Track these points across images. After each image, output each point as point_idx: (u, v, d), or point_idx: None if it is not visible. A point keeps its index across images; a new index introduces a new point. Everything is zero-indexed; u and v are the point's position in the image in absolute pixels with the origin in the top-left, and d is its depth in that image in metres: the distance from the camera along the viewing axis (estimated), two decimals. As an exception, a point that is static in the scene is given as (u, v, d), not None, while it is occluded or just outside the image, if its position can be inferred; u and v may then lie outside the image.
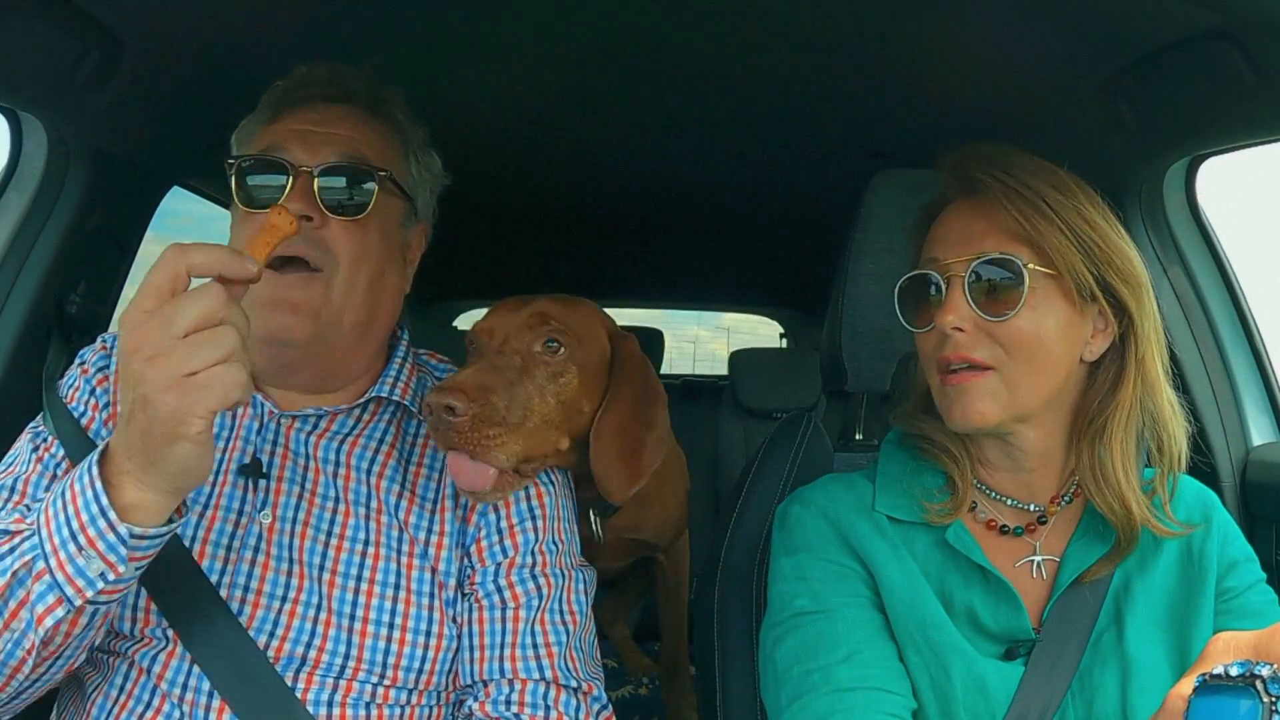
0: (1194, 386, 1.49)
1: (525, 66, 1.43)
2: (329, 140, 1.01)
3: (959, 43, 1.26)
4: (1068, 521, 0.98)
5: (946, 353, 0.91)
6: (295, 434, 1.04)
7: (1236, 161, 1.38)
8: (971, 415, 0.90)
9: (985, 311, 0.89)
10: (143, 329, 0.72)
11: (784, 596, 0.96)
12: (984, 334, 0.89)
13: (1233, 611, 0.95)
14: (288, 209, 0.86)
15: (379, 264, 1.03)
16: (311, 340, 0.99)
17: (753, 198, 2.21)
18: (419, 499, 1.05)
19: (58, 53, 1.15)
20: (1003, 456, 0.97)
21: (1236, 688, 0.52)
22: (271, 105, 1.07)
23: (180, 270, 0.74)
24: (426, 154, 1.13)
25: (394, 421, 1.09)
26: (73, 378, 1.07)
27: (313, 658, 0.96)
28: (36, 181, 1.35)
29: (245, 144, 1.07)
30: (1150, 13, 1.07)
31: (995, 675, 0.91)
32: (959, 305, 0.89)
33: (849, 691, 0.88)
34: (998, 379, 0.90)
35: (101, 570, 0.78)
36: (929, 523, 0.96)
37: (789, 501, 1.04)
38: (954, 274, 0.91)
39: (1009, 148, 0.95)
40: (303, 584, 0.98)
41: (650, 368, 1.28)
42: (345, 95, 1.07)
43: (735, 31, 1.27)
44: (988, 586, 0.94)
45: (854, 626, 0.92)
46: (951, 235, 0.94)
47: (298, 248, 0.96)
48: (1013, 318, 0.88)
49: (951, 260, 0.91)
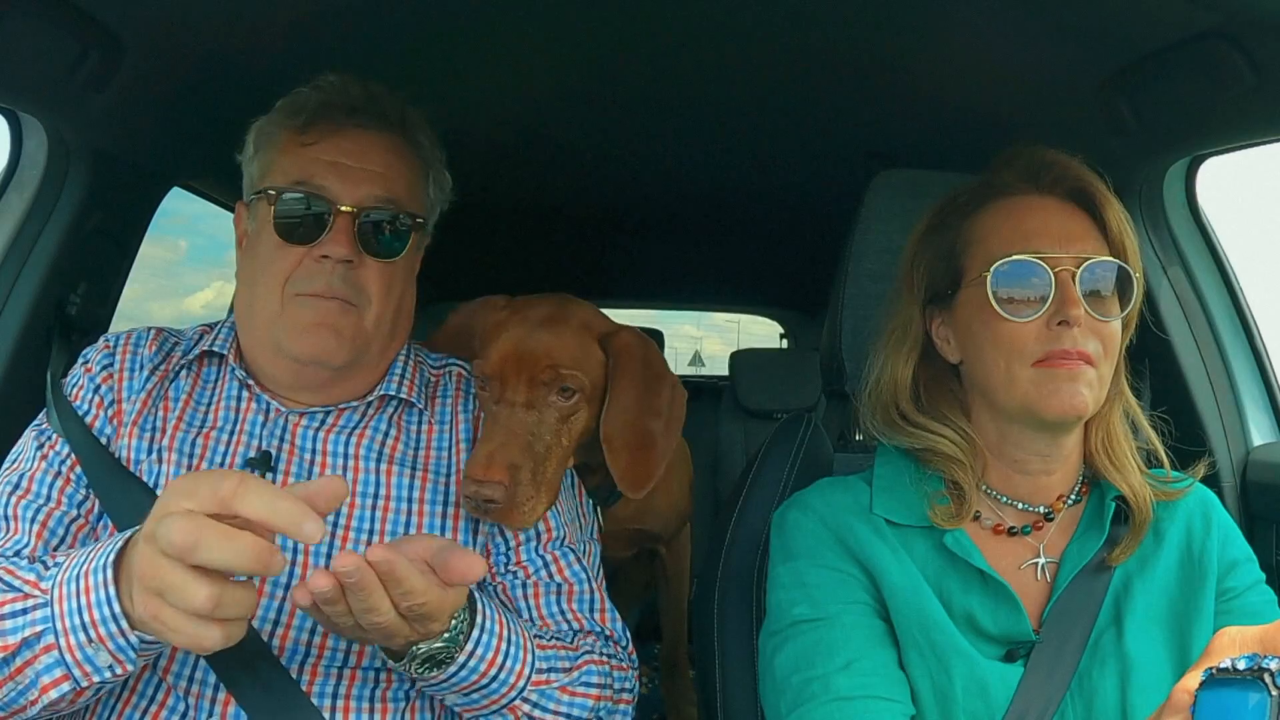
0: (1194, 386, 1.49)
1: (524, 67, 1.43)
2: (366, 177, 1.03)
3: (959, 44, 1.26)
4: (1070, 522, 0.98)
5: (1066, 344, 0.91)
6: (302, 430, 1.06)
7: (1236, 161, 1.39)
8: (1077, 403, 0.90)
9: (1094, 310, 0.92)
10: (175, 520, 0.69)
11: (782, 604, 0.96)
12: (1090, 331, 0.92)
13: (1233, 612, 0.95)
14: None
15: (402, 293, 1.09)
16: (346, 363, 1.03)
17: (753, 198, 2.21)
18: (431, 477, 1.07)
19: (58, 53, 1.15)
20: (1036, 456, 0.97)
21: (1244, 681, 0.51)
22: (301, 115, 1.05)
23: (228, 503, 0.70)
24: (442, 174, 1.15)
25: (396, 415, 1.11)
26: (76, 376, 1.08)
27: (318, 644, 0.97)
28: (36, 181, 1.35)
29: (269, 154, 1.06)
30: (1150, 13, 1.07)
31: (996, 677, 0.91)
32: (1079, 301, 0.91)
33: (848, 700, 0.88)
34: (1095, 374, 0.92)
35: (110, 664, 0.78)
36: (932, 525, 0.95)
37: (786, 507, 1.03)
38: (1065, 269, 0.91)
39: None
40: (305, 574, 0.98)
41: (650, 351, 1.26)
42: (378, 121, 1.07)
43: (735, 33, 1.27)
44: (987, 590, 0.94)
45: (853, 634, 0.92)
46: (1052, 230, 0.94)
47: (338, 289, 1.01)
48: (1116, 320, 0.93)
49: (1061, 255, 0.92)
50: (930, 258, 1.00)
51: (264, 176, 1.06)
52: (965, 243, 0.97)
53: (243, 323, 1.08)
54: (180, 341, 1.12)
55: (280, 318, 1.01)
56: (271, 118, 1.08)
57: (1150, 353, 1.26)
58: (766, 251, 2.83)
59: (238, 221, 1.12)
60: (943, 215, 1.01)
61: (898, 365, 1.01)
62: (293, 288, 1.01)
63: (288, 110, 1.06)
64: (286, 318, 1.01)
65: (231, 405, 1.07)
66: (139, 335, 1.11)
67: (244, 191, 1.10)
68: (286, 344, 1.01)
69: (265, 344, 1.04)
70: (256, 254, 1.04)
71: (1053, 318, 0.91)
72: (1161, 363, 1.47)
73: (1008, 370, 0.92)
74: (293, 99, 1.07)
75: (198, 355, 1.10)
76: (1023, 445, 0.97)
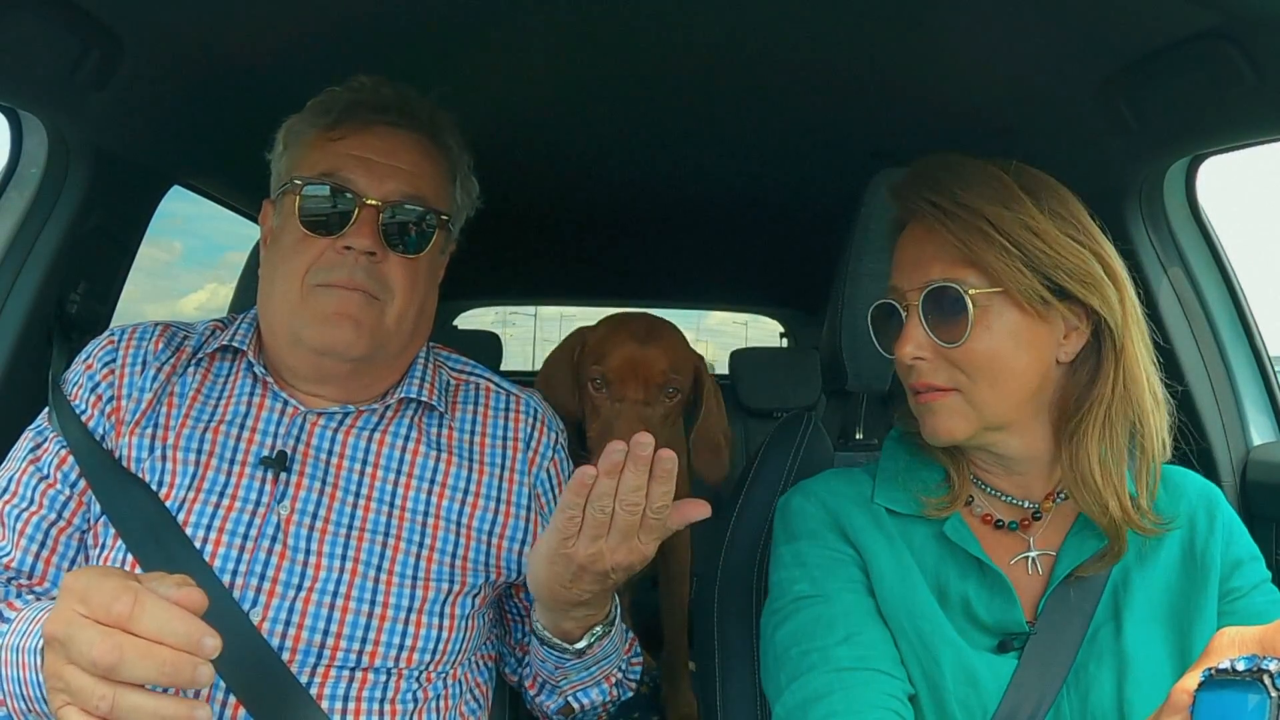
0: (1194, 386, 1.49)
1: (522, 68, 1.43)
2: (393, 173, 1.03)
3: (959, 44, 1.26)
4: (1064, 517, 0.99)
5: (911, 380, 0.95)
6: (320, 430, 1.06)
7: (1236, 161, 1.39)
8: (940, 432, 0.94)
9: (941, 338, 0.91)
10: (92, 636, 0.67)
11: (784, 583, 0.98)
12: (943, 359, 0.92)
13: (1237, 612, 0.95)
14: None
15: (425, 292, 1.09)
16: (364, 356, 1.03)
17: (753, 197, 2.21)
18: (449, 493, 1.07)
19: (58, 52, 1.15)
20: (992, 462, 0.99)
21: (1244, 682, 0.51)
22: (330, 113, 1.05)
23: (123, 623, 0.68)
24: (469, 180, 1.15)
25: (416, 417, 1.11)
26: (76, 374, 1.07)
27: (330, 646, 0.97)
28: (36, 181, 1.35)
29: (297, 150, 1.06)
30: (1150, 13, 1.07)
31: (986, 668, 0.91)
32: (916, 334, 0.92)
33: (847, 671, 0.89)
34: (961, 399, 0.92)
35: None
36: (927, 516, 0.97)
37: (790, 493, 1.06)
38: (910, 303, 0.93)
39: (958, 158, 0.95)
40: (318, 574, 0.99)
41: (715, 382, 1.63)
42: (408, 120, 1.06)
43: (736, 33, 1.27)
44: (983, 579, 0.95)
45: (852, 611, 0.93)
46: (905, 261, 0.96)
47: (360, 280, 1.00)
48: (965, 342, 0.90)
49: (907, 288, 0.94)
50: None
51: (291, 171, 1.05)
52: None
53: (263, 315, 1.07)
54: (190, 336, 1.11)
55: (300, 307, 1.01)
56: (301, 116, 1.07)
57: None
58: (767, 251, 2.82)
59: (263, 219, 1.12)
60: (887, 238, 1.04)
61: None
62: (313, 278, 1.00)
63: (318, 109, 1.06)
64: (307, 308, 1.00)
65: (244, 400, 1.06)
66: (144, 330, 1.10)
67: (271, 188, 1.10)
68: (305, 334, 1.01)
69: (284, 335, 1.03)
70: (280, 246, 1.04)
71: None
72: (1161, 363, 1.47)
73: (910, 398, 0.98)
74: (323, 98, 1.07)
75: (211, 351, 1.09)
76: (969, 451, 0.99)
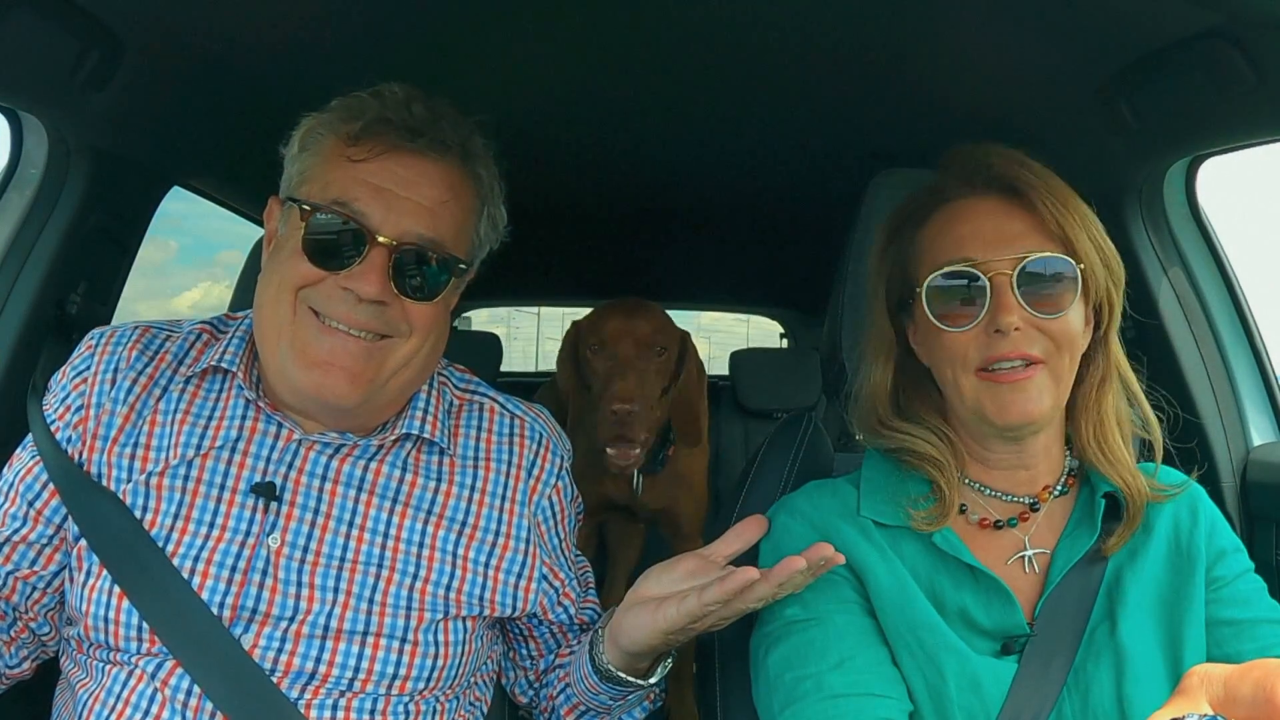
0: (1194, 386, 1.49)
1: (523, 68, 1.43)
2: (413, 210, 0.94)
3: (959, 43, 1.26)
4: (1059, 514, 0.98)
5: (1004, 350, 0.91)
6: (315, 455, 1.00)
7: (1236, 161, 1.39)
8: (1031, 411, 0.91)
9: (1036, 309, 0.91)
10: None
11: (773, 604, 0.95)
12: (1035, 330, 0.91)
13: (1223, 600, 0.95)
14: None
15: (438, 331, 1.02)
16: (356, 405, 0.97)
17: (754, 198, 2.21)
18: (445, 524, 1.03)
19: (58, 53, 1.15)
20: (1009, 455, 0.97)
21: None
22: (354, 122, 0.95)
23: None
24: (497, 208, 1.06)
25: (416, 449, 1.06)
26: (54, 381, 1.04)
27: (322, 672, 0.96)
28: (36, 181, 1.35)
29: (313, 159, 0.98)
30: (1150, 13, 1.07)
31: (989, 673, 0.91)
32: (1015, 304, 0.90)
33: (841, 698, 0.88)
34: (1047, 374, 0.91)
35: None
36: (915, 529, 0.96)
37: (774, 510, 1.04)
38: (999, 272, 0.91)
39: (1013, 149, 0.96)
40: (312, 606, 0.96)
41: (698, 354, 1.99)
42: (437, 148, 0.97)
43: (737, 34, 1.27)
44: (979, 585, 0.94)
45: (844, 633, 0.92)
46: (984, 234, 0.93)
47: (363, 320, 0.94)
48: (1065, 314, 0.91)
49: (994, 259, 0.92)
50: (890, 270, 1.02)
51: (303, 183, 0.97)
52: (913, 255, 0.99)
53: (256, 324, 1.00)
54: (173, 338, 1.04)
55: (290, 328, 0.94)
56: (323, 118, 0.99)
57: (1150, 352, 1.26)
58: (767, 251, 2.82)
59: (269, 217, 1.04)
60: (897, 227, 1.02)
61: (875, 371, 1.02)
62: (308, 300, 0.94)
63: (342, 115, 0.97)
64: (297, 332, 0.94)
65: (235, 425, 1.00)
66: (121, 334, 1.03)
67: (281, 188, 1.02)
68: (294, 375, 0.94)
69: (274, 362, 0.97)
70: (279, 256, 0.98)
71: (988, 325, 0.91)
72: (1162, 362, 1.47)
73: (955, 379, 0.94)
74: (349, 103, 0.98)
75: (201, 370, 1.02)
76: (992, 447, 0.98)
